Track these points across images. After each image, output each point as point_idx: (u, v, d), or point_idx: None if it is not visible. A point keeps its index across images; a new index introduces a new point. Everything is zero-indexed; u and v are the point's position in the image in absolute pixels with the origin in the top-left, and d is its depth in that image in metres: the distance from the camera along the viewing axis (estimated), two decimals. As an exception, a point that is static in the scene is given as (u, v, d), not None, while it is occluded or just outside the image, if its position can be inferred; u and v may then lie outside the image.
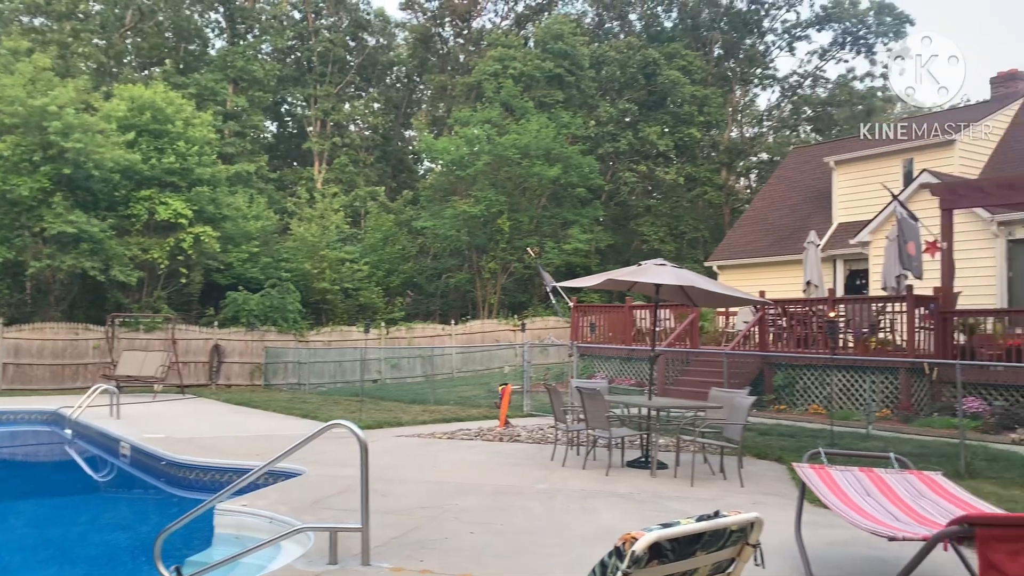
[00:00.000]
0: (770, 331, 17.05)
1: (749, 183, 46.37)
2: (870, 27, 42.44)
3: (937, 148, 21.79)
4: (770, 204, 28.52)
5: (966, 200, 15.46)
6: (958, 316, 14.75)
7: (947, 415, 13.11)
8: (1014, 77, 25.46)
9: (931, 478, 5.76)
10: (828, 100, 44.43)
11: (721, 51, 44.96)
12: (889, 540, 4.37)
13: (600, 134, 39.56)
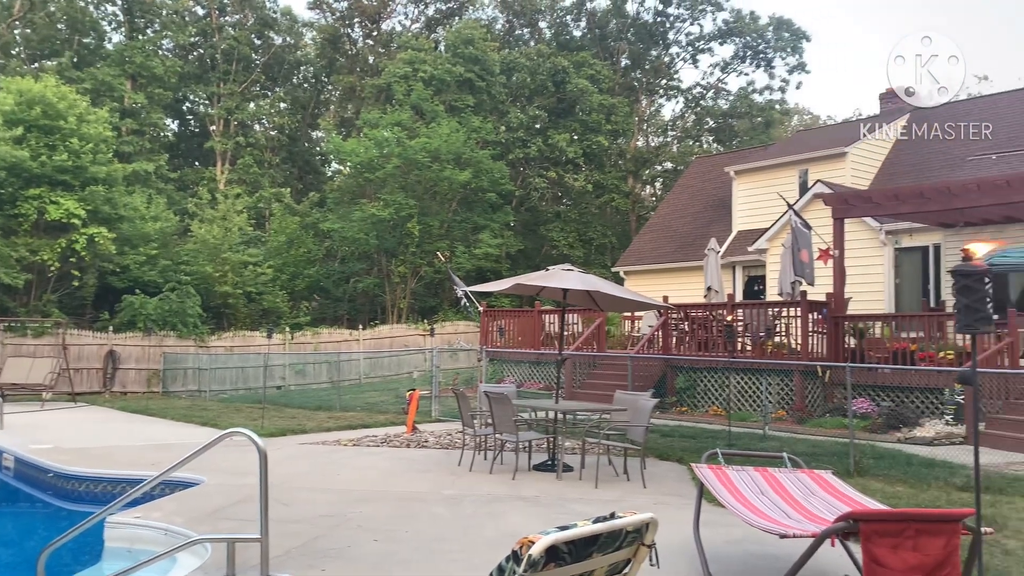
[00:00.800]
0: (673, 335, 17.47)
1: (655, 191, 47.46)
2: (769, 42, 44.08)
3: (831, 160, 22.80)
4: (674, 212, 29.26)
5: (856, 210, 16.21)
6: (849, 321, 15.44)
7: (838, 416, 13.69)
8: (899, 94, 26.84)
9: (821, 476, 6.00)
10: (729, 112, 45.91)
11: (628, 61, 45.90)
12: (780, 537, 4.53)
13: (510, 140, 39.80)
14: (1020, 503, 7.78)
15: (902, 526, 4.06)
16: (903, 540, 4.04)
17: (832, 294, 15.58)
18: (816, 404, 14.84)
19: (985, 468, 9.65)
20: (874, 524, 4.04)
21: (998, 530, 6.58)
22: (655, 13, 44.80)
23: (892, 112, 25.87)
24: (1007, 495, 8.18)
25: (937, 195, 14.65)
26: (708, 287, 19.11)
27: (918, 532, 4.03)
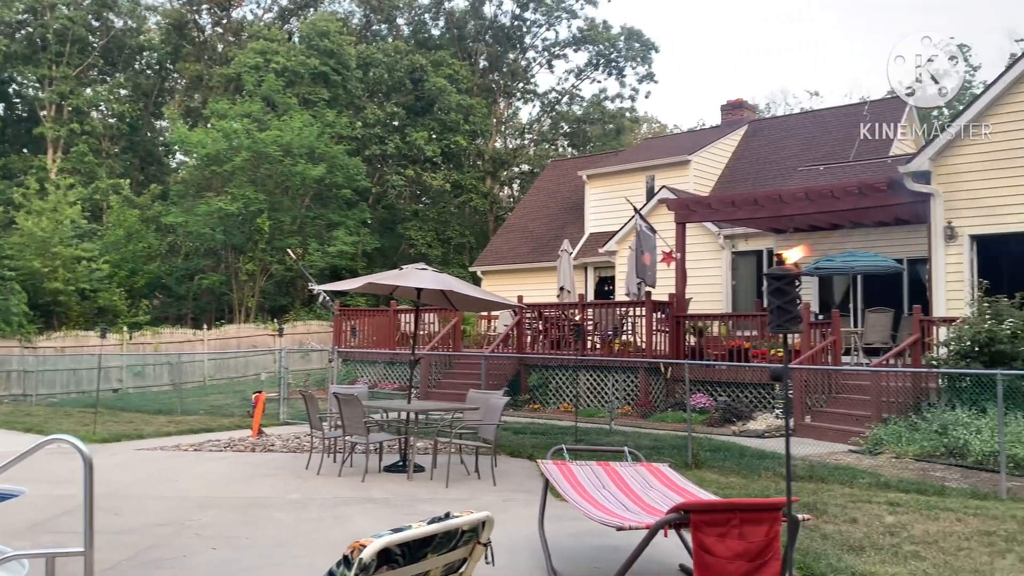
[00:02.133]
0: (527, 334, 17.76)
1: (512, 192, 48.11)
2: (621, 51, 45.62)
3: (675, 167, 23.84)
4: (530, 213, 29.76)
5: (696, 215, 17.03)
6: (690, 320, 16.20)
7: (679, 410, 14.33)
8: (740, 106, 28.45)
9: (659, 469, 6.25)
10: (583, 117, 47.17)
11: (486, 63, 46.28)
12: (617, 530, 4.68)
13: (367, 136, 39.23)
14: (839, 490, 8.39)
15: (729, 515, 4.28)
16: (730, 529, 4.26)
17: (675, 295, 16.29)
18: (659, 399, 15.47)
19: (809, 458, 10.38)
20: (703, 514, 4.25)
21: (818, 516, 7.07)
22: (512, 17, 45.42)
23: (732, 123, 27.36)
24: (828, 483, 8.80)
25: (769, 202, 15.62)
26: (561, 287, 19.55)
27: (743, 521, 4.27)
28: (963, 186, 13.89)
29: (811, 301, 18.51)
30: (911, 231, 16.93)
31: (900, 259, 17.20)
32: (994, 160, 13.64)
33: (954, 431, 10.23)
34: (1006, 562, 5.72)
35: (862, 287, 18.45)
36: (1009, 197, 13.41)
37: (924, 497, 7.94)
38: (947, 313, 13.48)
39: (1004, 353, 10.88)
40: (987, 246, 13.93)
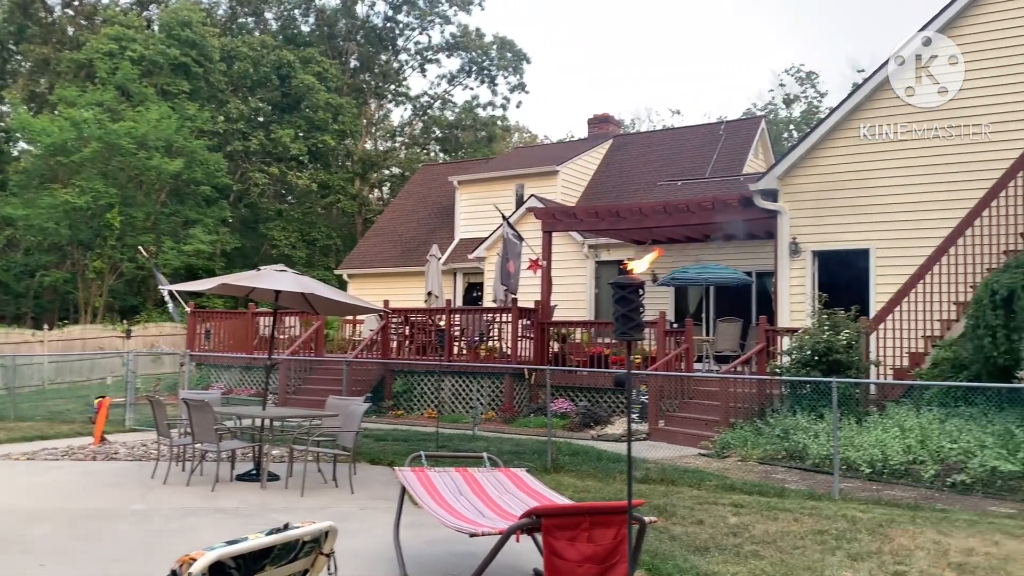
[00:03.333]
0: (393, 339, 17.58)
1: (382, 195, 47.58)
2: (493, 60, 46.03)
3: (544, 176, 24.25)
4: (400, 217, 29.50)
5: (562, 224, 17.38)
6: (554, 327, 16.50)
7: (542, 415, 14.55)
8: (606, 120, 29.28)
9: (517, 475, 6.30)
10: (455, 123, 47.26)
11: (357, 63, 45.62)
12: (471, 536, 4.68)
13: (230, 131, 37.83)
14: (688, 492, 8.72)
15: (579, 519, 4.36)
16: (579, 532, 4.34)
17: (540, 302, 16.55)
18: (523, 405, 15.65)
19: (662, 462, 10.75)
20: (554, 519, 4.31)
21: (667, 518, 7.32)
22: (385, 18, 45.00)
23: (598, 137, 28.12)
24: (678, 486, 9.14)
25: (630, 215, 16.13)
26: (429, 292, 19.47)
27: (592, 524, 4.36)
28: (806, 205, 14.81)
29: (668, 310, 19.22)
30: (760, 246, 17.89)
31: (750, 272, 18.14)
32: (831, 183, 14.61)
33: (794, 435, 10.85)
34: (835, 559, 6.10)
35: (715, 297, 19.33)
36: (844, 217, 14.41)
37: (765, 498, 8.38)
38: (790, 324, 14.32)
39: (840, 362, 11.65)
40: (827, 261, 14.89)
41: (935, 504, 8.27)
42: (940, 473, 9.17)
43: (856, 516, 7.40)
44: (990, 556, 6.12)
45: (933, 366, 11.72)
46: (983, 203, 12.29)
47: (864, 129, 14.49)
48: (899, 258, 13.57)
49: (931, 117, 13.87)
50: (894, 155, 14.12)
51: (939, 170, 13.65)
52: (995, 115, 13.30)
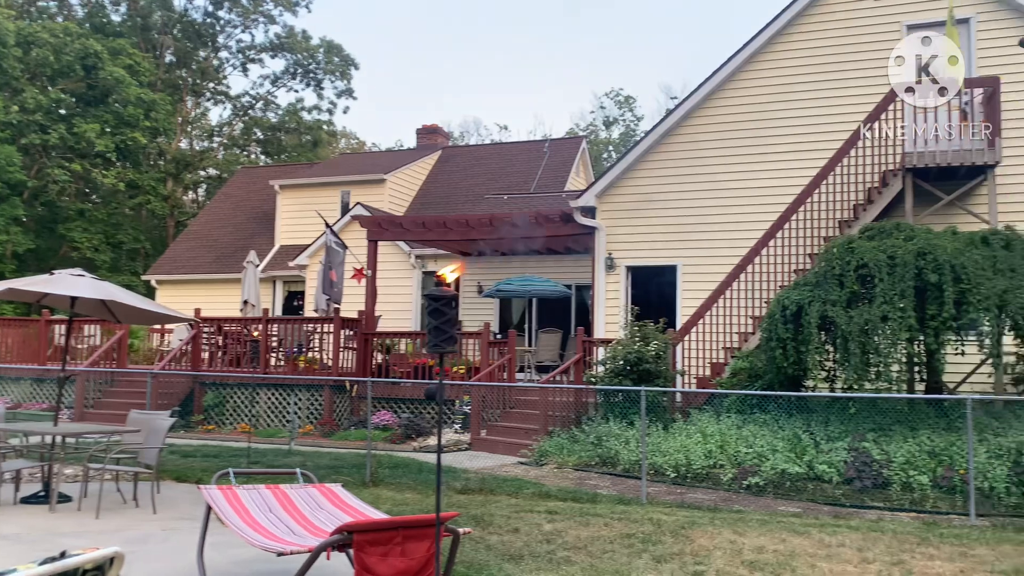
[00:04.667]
0: (205, 350, 16.70)
1: (197, 197, 45.22)
2: (320, 63, 45.00)
3: (371, 184, 23.96)
4: (216, 220, 28.15)
5: (388, 233, 17.23)
6: (378, 337, 16.29)
7: (364, 428, 14.30)
8: (435, 131, 29.42)
9: (331, 490, 6.14)
10: (278, 125, 45.74)
11: (173, 58, 43.19)
12: (278, 555, 4.50)
13: (25, 122, 34.63)
14: (506, 501, 8.84)
15: (391, 534, 4.30)
16: (392, 547, 4.28)
17: (364, 312, 16.30)
18: (344, 418, 15.32)
19: (481, 472, 10.85)
20: (366, 534, 4.22)
21: (484, 527, 7.38)
22: (205, 13, 42.92)
23: (427, 147, 28.19)
24: (496, 495, 9.25)
25: (457, 226, 16.24)
26: (245, 301, 18.69)
27: (405, 538, 4.31)
28: (621, 222, 15.52)
29: (492, 321, 19.51)
30: (580, 260, 18.55)
31: (570, 285, 18.78)
32: (644, 202, 15.41)
33: (607, 442, 11.29)
34: (641, 561, 6.38)
35: (537, 309, 19.84)
36: (655, 235, 15.23)
37: (579, 504, 8.64)
38: (606, 335, 14.91)
39: (650, 371, 12.26)
40: (640, 276, 15.66)
41: (732, 506, 8.84)
42: (737, 476, 9.83)
43: (661, 519, 7.79)
44: (778, 553, 6.61)
45: (732, 375, 12.57)
46: (777, 225, 13.36)
47: (672, 152, 15.39)
48: (704, 274, 14.49)
49: (733, 144, 14.94)
50: (700, 178, 15.09)
51: (741, 193, 14.73)
52: (791, 144, 14.52)
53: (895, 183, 12.93)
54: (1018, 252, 10.39)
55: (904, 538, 7.16)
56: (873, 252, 10.34)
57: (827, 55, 14.57)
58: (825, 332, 10.71)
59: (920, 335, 10.20)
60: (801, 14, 14.75)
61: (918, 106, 12.94)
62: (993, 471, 8.98)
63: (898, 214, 12.84)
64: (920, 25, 14.00)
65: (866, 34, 14.37)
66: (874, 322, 9.91)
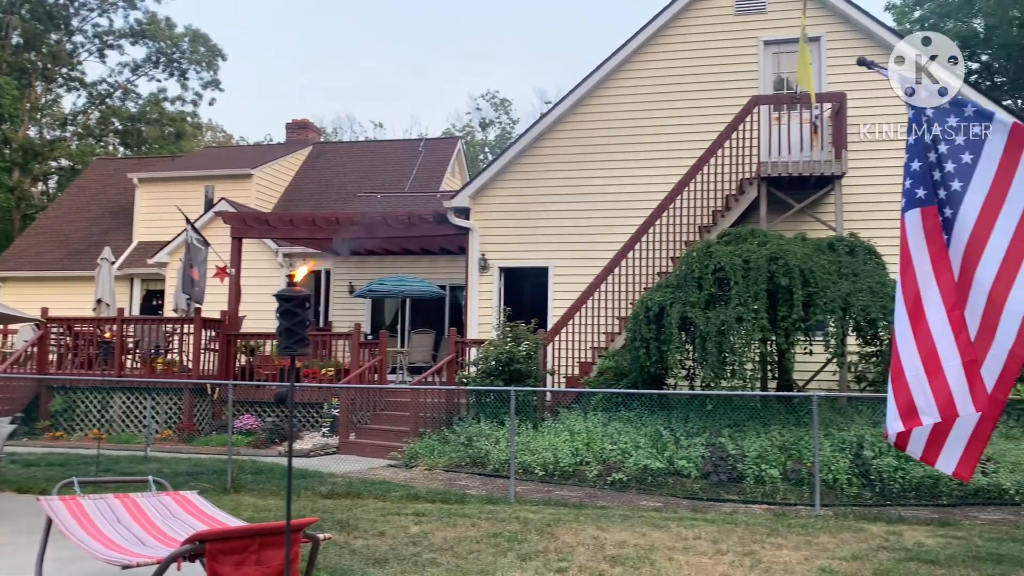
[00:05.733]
0: (53, 351, 15.67)
1: (47, 190, 42.37)
2: (184, 53, 43.08)
3: (238, 179, 23.15)
4: (68, 214, 26.45)
5: (254, 231, 16.68)
6: (242, 339, 15.73)
7: (225, 432, 13.78)
8: (306, 127, 28.73)
9: (186, 498, 5.87)
10: (139, 116, 43.46)
11: (21, 40, 40.26)
12: (123, 567, 4.26)
13: None
14: (373, 504, 8.72)
15: (247, 542, 4.15)
16: (248, 555, 4.13)
17: (227, 312, 15.72)
18: (205, 422, 14.73)
19: (349, 475, 10.67)
20: (219, 543, 4.06)
21: (349, 532, 7.25)
22: (58, -7, 40.27)
23: (298, 142, 27.49)
24: (364, 498, 9.11)
25: (327, 225, 15.92)
26: (99, 299, 17.65)
27: (262, 546, 4.17)
28: (495, 223, 15.63)
29: (364, 322, 19.23)
30: (453, 260, 18.55)
31: (444, 285, 18.75)
32: (517, 204, 15.59)
33: (478, 442, 11.33)
34: (507, 560, 6.42)
35: (410, 310, 19.70)
36: (527, 237, 15.44)
37: (447, 505, 8.63)
38: (479, 335, 14.98)
39: (520, 371, 12.39)
40: (512, 277, 15.83)
41: (597, 502, 9.05)
42: (602, 473, 10.08)
43: (528, 517, 7.88)
44: (638, 547, 6.81)
45: (599, 374, 12.89)
46: (642, 229, 13.79)
47: (545, 156, 15.64)
48: (574, 276, 14.78)
49: (603, 149, 15.32)
50: (571, 181, 15.39)
51: (610, 198, 15.12)
52: (657, 150, 15.02)
53: (751, 191, 13.61)
54: (860, 258, 11.14)
55: (755, 529, 7.53)
56: (729, 256, 10.84)
57: (690, 67, 15.17)
58: (685, 332, 11.13)
59: (772, 335, 10.76)
60: (667, 26, 15.30)
61: (773, 118, 13.68)
62: (836, 463, 9.59)
63: (753, 220, 13.52)
64: (776, 41, 14.82)
65: (726, 48, 15.06)
66: (730, 323, 10.38)
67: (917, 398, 3.83)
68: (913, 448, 3.96)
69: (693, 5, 15.27)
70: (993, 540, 7.24)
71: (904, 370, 3.87)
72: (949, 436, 3.85)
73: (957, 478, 3.97)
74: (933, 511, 8.69)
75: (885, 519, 8.18)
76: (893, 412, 3.94)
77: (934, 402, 3.74)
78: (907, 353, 3.87)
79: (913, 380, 3.83)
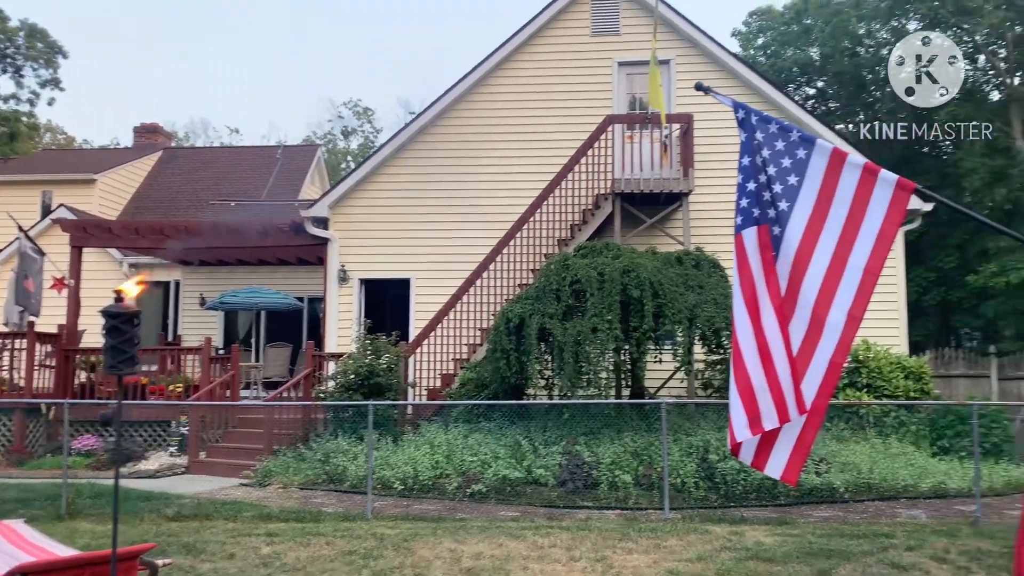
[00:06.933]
0: None
1: None
2: (20, 48, 40.11)
3: (79, 185, 21.77)
4: None
5: (96, 240, 15.73)
6: (82, 354, 14.77)
7: (61, 454, 12.87)
8: (155, 130, 27.39)
9: (10, 527, 5.45)
10: (-34, 114, 40.05)
11: None
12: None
13: None
14: (223, 526, 8.38)
15: (76, 572, 3.90)
16: (76, 587, 3.88)
17: (65, 326, 14.73)
18: (39, 444, 13.73)
19: (198, 496, 10.22)
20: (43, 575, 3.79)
21: (196, 556, 6.94)
22: None
23: (147, 147, 26.15)
24: (213, 520, 8.73)
25: (176, 233, 15.21)
26: (-86, 313, 16.11)
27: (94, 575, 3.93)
28: (355, 234, 15.40)
29: (216, 335, 18.48)
30: (312, 271, 18.13)
31: (302, 297, 18.29)
32: (378, 214, 15.43)
33: (335, 459, 11.10)
34: (361, 576, 6.33)
35: (266, 323, 19.09)
36: (389, 247, 15.30)
37: (301, 524, 8.40)
38: (338, 349, 14.69)
39: (381, 385, 12.24)
40: (373, 288, 15.63)
41: (457, 514, 9.05)
42: (462, 484, 10.09)
43: (385, 533, 7.79)
44: (495, 558, 6.87)
45: (461, 386, 12.91)
46: (503, 242, 13.95)
47: (407, 167, 15.57)
48: (437, 287, 14.76)
49: (465, 161, 15.42)
50: (433, 192, 15.39)
51: (471, 209, 15.22)
52: (518, 164, 15.25)
53: (606, 206, 14.05)
54: (706, 271, 11.72)
55: (608, 535, 7.75)
56: (585, 269, 11.14)
57: (549, 83, 15.52)
58: (544, 343, 11.34)
59: (625, 345, 11.13)
60: (527, 43, 15.60)
61: (626, 137, 14.20)
62: (684, 468, 10.01)
63: (609, 234, 13.96)
64: (629, 63, 15.40)
65: (583, 67, 15.51)
66: (586, 333, 10.66)
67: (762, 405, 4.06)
68: (744, 454, 4.18)
69: (552, 24, 15.65)
70: (824, 536, 7.77)
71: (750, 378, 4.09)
72: (777, 442, 4.10)
73: (784, 482, 4.22)
74: (773, 511, 9.22)
75: (729, 520, 8.61)
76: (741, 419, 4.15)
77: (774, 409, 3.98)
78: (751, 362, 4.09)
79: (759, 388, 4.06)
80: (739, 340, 4.08)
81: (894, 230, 3.74)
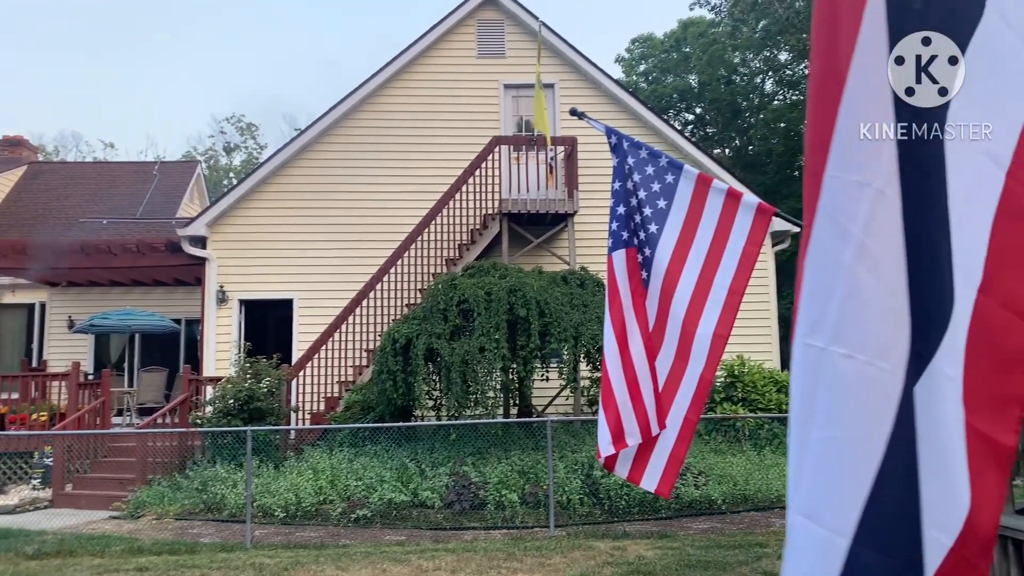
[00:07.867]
0: None
1: None
2: None
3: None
4: None
5: (-50, 259, 14.66)
6: (-68, 382, 13.70)
7: (-93, 493, 11.88)
8: (20, 143, 25.87)
9: None
10: None
11: None
12: None
13: None
14: (88, 563, 7.90)
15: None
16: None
17: (-87, 352, 13.63)
18: None
19: (62, 531, 9.62)
20: None
21: (56, 596, 6.51)
22: None
23: (10, 161, 24.64)
24: (78, 556, 8.23)
25: (40, 253, 14.36)
26: None
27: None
28: (235, 253, 14.93)
29: (85, 360, 17.52)
30: (190, 292, 17.46)
31: (179, 319, 17.59)
32: (259, 233, 15.03)
33: (213, 487, 10.66)
34: (237, 610, 6.08)
35: (140, 346, 18.23)
36: (270, 267, 14.90)
37: (175, 557, 8.02)
38: (217, 372, 14.16)
39: (261, 409, 11.87)
40: (254, 309, 15.18)
41: (340, 540, 8.85)
42: (347, 510, 9.88)
43: (264, 563, 7.53)
44: (378, 583, 6.74)
45: (346, 409, 12.67)
46: (390, 261, 13.83)
47: (291, 184, 15.25)
48: (321, 308, 14.47)
49: (350, 180, 15.22)
50: (317, 211, 15.10)
51: (356, 229, 15.02)
52: (405, 183, 15.16)
53: (494, 226, 14.15)
54: (590, 289, 11.94)
55: (494, 555, 7.74)
56: (473, 289, 11.17)
57: (437, 103, 15.55)
58: (432, 363, 11.28)
59: (513, 364, 11.20)
60: (413, 62, 15.60)
61: (513, 158, 14.36)
62: (570, 484, 10.13)
63: (497, 254, 14.06)
64: (515, 85, 15.62)
65: (470, 88, 15.63)
66: (473, 353, 10.67)
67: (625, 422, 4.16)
68: (620, 469, 4.28)
69: (440, 44, 15.71)
70: (702, 548, 8.00)
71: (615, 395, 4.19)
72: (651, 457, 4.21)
73: (659, 495, 4.33)
74: (655, 524, 9.44)
75: (612, 535, 8.75)
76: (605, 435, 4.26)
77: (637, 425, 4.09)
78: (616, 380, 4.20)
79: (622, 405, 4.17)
80: (607, 359, 4.18)
81: (756, 251, 3.92)
